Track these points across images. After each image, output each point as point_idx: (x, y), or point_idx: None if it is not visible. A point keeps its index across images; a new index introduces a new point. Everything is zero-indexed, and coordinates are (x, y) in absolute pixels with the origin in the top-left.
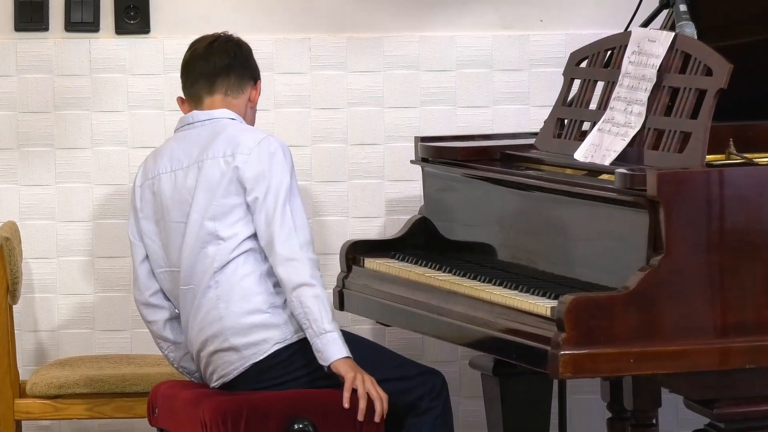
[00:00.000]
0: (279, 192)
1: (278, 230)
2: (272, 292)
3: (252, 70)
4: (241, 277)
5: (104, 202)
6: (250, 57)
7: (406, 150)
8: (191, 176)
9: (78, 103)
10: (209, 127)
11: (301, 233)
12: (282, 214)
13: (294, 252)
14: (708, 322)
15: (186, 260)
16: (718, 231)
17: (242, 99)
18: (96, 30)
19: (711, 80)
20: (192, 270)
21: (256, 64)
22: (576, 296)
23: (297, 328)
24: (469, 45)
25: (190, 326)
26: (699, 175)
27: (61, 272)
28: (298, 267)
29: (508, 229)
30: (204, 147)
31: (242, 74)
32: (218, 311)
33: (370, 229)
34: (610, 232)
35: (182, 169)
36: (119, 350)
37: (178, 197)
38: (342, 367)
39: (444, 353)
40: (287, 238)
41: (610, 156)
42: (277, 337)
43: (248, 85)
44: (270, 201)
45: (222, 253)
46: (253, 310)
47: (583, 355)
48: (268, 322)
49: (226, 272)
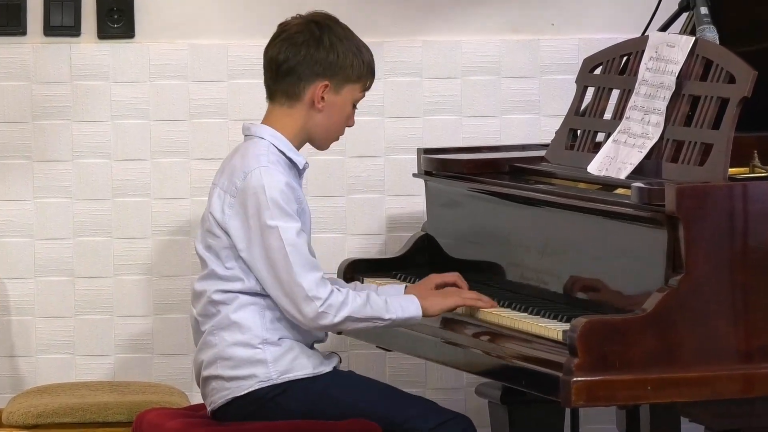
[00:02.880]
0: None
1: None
2: (268, 327)
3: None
4: (237, 307)
5: (85, 218)
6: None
7: (408, 163)
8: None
9: (57, 112)
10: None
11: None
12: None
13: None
14: (731, 347)
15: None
16: (741, 249)
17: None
18: (77, 34)
19: (734, 88)
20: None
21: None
22: (589, 319)
23: (286, 369)
24: (475, 50)
25: (197, 346)
26: (721, 189)
27: (39, 293)
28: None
29: (517, 247)
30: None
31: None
32: (214, 338)
33: (370, 247)
34: (626, 251)
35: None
36: (101, 377)
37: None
38: (432, 309)
39: (448, 380)
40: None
41: (626, 169)
42: (262, 375)
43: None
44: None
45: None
46: (244, 343)
47: (597, 382)
48: (256, 358)
49: (225, 301)
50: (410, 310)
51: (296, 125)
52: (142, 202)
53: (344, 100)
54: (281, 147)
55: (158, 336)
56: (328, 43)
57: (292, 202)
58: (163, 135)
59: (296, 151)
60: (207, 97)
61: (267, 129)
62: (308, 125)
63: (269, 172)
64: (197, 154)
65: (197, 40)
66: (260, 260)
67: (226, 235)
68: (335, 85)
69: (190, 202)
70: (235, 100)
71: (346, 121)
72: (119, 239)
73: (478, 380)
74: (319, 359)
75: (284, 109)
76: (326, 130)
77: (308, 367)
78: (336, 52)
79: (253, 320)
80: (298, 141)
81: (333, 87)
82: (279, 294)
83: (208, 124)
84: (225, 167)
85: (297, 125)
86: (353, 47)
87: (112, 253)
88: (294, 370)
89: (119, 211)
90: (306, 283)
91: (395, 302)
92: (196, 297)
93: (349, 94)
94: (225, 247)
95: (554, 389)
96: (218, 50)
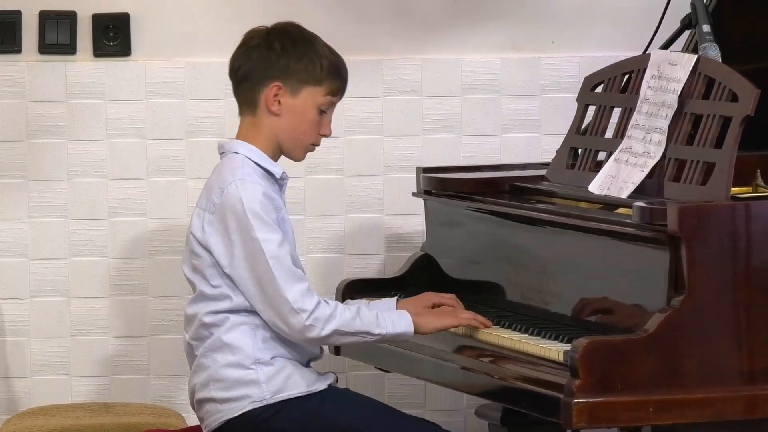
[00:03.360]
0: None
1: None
2: (260, 347)
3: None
4: (229, 328)
5: (81, 238)
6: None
7: (407, 182)
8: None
9: (53, 131)
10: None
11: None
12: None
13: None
14: (734, 368)
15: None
16: (744, 269)
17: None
18: (72, 52)
19: (736, 106)
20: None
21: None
22: (591, 340)
23: (279, 388)
24: (475, 68)
25: (191, 370)
26: (724, 209)
27: (34, 314)
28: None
29: (517, 267)
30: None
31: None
32: (206, 360)
33: (368, 267)
34: (628, 271)
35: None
36: (97, 398)
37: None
38: (425, 327)
39: (448, 401)
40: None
41: (628, 188)
42: (255, 395)
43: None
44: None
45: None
46: (236, 364)
47: (598, 404)
48: (248, 379)
49: (217, 323)
50: (401, 325)
51: (263, 134)
52: (138, 221)
53: (304, 104)
54: (256, 159)
55: (154, 357)
56: (280, 47)
57: (271, 212)
58: (160, 154)
59: (272, 162)
60: (204, 116)
61: (240, 143)
62: (273, 132)
63: (245, 184)
64: (194, 173)
65: (194, 58)
66: (245, 275)
67: (208, 253)
68: (290, 87)
69: (186, 221)
70: (232, 119)
71: (314, 128)
72: (115, 259)
73: (479, 401)
74: (313, 377)
75: (250, 119)
76: (291, 137)
77: (302, 386)
78: (288, 54)
79: (244, 341)
80: (271, 150)
81: (288, 90)
82: (265, 307)
83: (205, 143)
84: (204, 187)
85: (263, 134)
86: (310, 50)
87: (107, 273)
88: (287, 389)
89: (115, 230)
90: (291, 295)
91: (386, 317)
92: (188, 321)
93: (309, 98)
94: (209, 266)
95: (555, 411)
96: (216, 68)
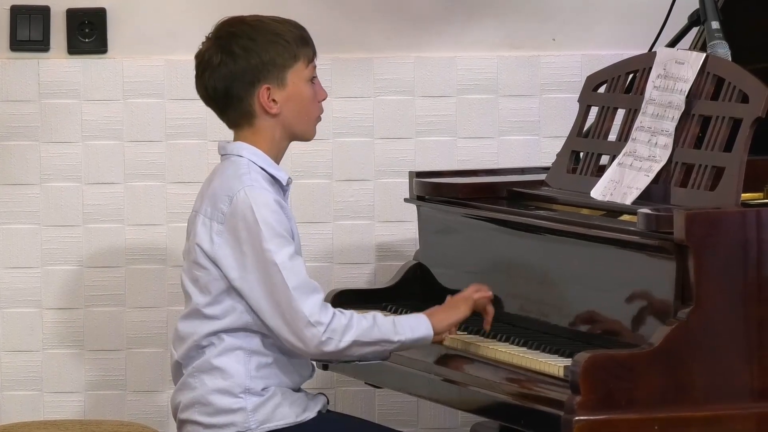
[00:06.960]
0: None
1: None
2: (253, 375)
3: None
4: (221, 351)
5: (54, 245)
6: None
7: (399, 187)
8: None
9: (24, 132)
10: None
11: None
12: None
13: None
14: (744, 384)
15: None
16: (755, 279)
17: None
18: (46, 49)
19: (747, 108)
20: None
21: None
22: (593, 354)
23: (266, 418)
24: (471, 67)
25: (176, 386)
26: (733, 215)
27: (4, 326)
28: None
29: (515, 277)
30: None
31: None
32: (194, 380)
33: (358, 277)
34: (632, 281)
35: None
36: (71, 415)
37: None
38: (440, 326)
39: (442, 419)
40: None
41: (632, 194)
42: (240, 425)
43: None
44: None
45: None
46: (225, 391)
47: (600, 422)
48: (235, 407)
49: (210, 342)
50: (420, 330)
51: (268, 138)
52: (115, 228)
53: (296, 86)
54: (261, 164)
55: (132, 371)
56: (241, 50)
57: (284, 221)
58: (138, 157)
59: (278, 167)
60: (185, 117)
61: (244, 146)
62: (281, 130)
63: (255, 191)
64: (174, 177)
65: (175, 56)
66: (257, 287)
67: (214, 265)
68: (276, 80)
69: (166, 228)
70: (214, 120)
71: (314, 101)
72: (90, 268)
73: (474, 419)
74: (302, 405)
75: (250, 129)
76: (299, 122)
77: (290, 416)
78: (253, 52)
79: (236, 367)
80: (277, 153)
81: (276, 84)
82: (279, 323)
83: (185, 146)
84: (205, 192)
85: (269, 137)
86: (268, 36)
87: (82, 283)
88: (274, 420)
89: (90, 238)
90: (307, 308)
91: (404, 323)
92: (179, 339)
93: (297, 78)
94: (214, 279)
95: (555, 429)
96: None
